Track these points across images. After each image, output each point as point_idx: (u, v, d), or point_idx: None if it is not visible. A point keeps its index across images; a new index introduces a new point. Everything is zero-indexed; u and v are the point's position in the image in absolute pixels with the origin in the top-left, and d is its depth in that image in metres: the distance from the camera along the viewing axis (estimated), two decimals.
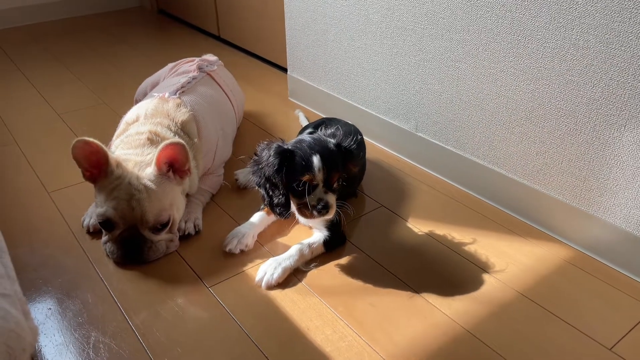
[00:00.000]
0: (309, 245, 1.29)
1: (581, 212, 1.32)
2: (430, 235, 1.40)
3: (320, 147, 1.22)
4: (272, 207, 1.27)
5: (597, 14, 1.14)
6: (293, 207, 1.27)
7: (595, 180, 1.27)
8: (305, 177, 1.20)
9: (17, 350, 0.51)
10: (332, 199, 1.23)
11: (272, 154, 1.21)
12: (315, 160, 1.20)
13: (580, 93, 1.23)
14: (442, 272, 1.27)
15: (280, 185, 1.22)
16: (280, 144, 1.23)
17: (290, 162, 1.21)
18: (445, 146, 1.61)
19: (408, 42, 1.59)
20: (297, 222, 1.41)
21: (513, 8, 1.29)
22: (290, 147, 1.23)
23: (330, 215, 1.24)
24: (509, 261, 1.31)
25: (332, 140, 1.26)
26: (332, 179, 1.23)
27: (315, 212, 1.21)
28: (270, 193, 1.25)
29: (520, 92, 1.35)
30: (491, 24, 1.35)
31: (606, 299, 1.20)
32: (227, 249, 1.31)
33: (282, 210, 1.25)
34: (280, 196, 1.23)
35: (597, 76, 1.19)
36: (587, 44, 1.18)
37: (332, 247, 1.33)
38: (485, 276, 1.26)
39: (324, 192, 1.22)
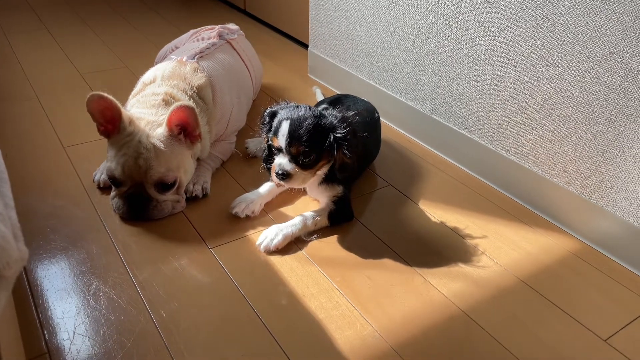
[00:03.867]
0: (313, 217, 1.30)
1: (590, 204, 1.30)
2: (436, 217, 1.39)
3: (297, 117, 1.20)
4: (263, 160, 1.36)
5: (622, 1, 1.11)
6: None
7: (607, 172, 1.25)
8: (273, 139, 1.23)
9: (1, 261, 0.53)
10: (294, 169, 1.22)
11: (266, 112, 1.28)
12: (284, 126, 1.20)
13: (599, 82, 1.20)
14: (443, 253, 1.27)
15: (264, 142, 1.30)
16: (282, 105, 1.27)
17: (271, 123, 1.26)
18: (459, 130, 1.59)
19: (430, 22, 1.57)
20: (305, 194, 1.42)
21: None
22: (278, 109, 1.26)
23: (290, 185, 1.26)
24: (513, 248, 1.30)
25: (329, 119, 1.22)
26: (294, 150, 1.21)
27: (275, 176, 1.24)
28: (263, 147, 1.34)
29: (539, 78, 1.33)
30: (514, 7, 1.32)
31: (607, 292, 1.19)
32: (233, 212, 1.33)
33: (263, 165, 1.34)
34: (265, 152, 1.31)
35: (618, 65, 1.16)
36: (610, 31, 1.15)
37: (336, 221, 1.33)
38: (487, 261, 1.25)
39: (288, 161, 1.22)
